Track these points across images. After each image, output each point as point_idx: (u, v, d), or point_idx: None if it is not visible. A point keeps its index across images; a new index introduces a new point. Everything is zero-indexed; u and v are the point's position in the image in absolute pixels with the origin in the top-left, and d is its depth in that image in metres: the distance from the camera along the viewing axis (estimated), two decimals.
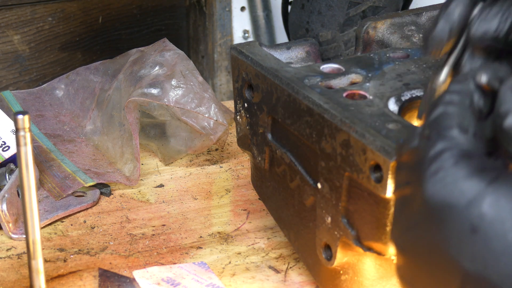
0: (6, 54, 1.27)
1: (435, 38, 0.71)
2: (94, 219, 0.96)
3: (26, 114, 0.73)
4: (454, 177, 0.58)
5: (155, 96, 1.04)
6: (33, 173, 0.75)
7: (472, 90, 0.62)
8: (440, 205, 0.58)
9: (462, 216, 0.57)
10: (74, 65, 1.31)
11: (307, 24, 1.22)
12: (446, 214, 0.57)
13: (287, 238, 0.87)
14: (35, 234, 0.77)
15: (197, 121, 1.05)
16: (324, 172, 0.76)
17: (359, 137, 0.70)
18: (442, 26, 0.70)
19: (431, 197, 0.58)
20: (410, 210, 0.60)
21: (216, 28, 1.34)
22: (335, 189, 0.74)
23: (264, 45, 0.89)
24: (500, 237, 0.55)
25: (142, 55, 1.11)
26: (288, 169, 0.82)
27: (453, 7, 0.70)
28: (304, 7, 1.22)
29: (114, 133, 1.08)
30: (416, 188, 0.59)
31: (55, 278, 0.86)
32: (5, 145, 1.00)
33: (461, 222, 0.57)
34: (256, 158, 0.88)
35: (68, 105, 1.17)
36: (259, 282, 0.86)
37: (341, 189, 0.74)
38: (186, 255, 0.90)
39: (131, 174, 1.03)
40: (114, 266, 0.88)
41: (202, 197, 1.02)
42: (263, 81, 0.83)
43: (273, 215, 0.89)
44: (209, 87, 1.07)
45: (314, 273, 0.82)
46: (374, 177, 0.69)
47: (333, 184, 0.75)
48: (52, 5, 1.28)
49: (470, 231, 0.56)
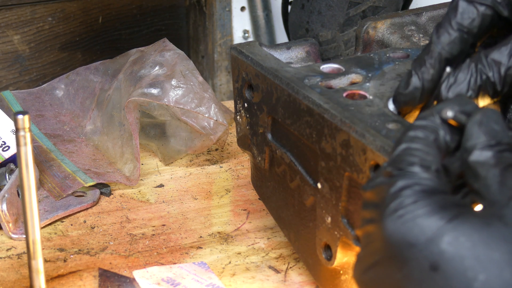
0: (6, 54, 1.27)
1: (407, 96, 0.73)
2: (94, 219, 0.97)
3: (26, 114, 0.73)
4: (413, 215, 0.58)
5: (155, 96, 1.04)
6: (33, 173, 0.75)
7: (437, 125, 0.63)
8: (400, 243, 0.58)
9: (422, 254, 0.57)
10: (74, 65, 1.31)
11: (307, 24, 1.22)
12: (406, 252, 0.57)
13: (287, 238, 0.87)
14: (35, 234, 0.77)
15: (197, 121, 1.05)
16: (324, 172, 0.76)
17: (359, 137, 0.70)
18: (414, 88, 0.73)
19: (391, 235, 0.58)
20: (372, 248, 0.60)
21: (216, 28, 1.34)
22: (335, 189, 0.74)
23: (264, 45, 0.89)
24: (460, 275, 0.55)
25: (142, 55, 1.11)
26: (288, 169, 0.82)
27: (425, 70, 0.73)
28: (304, 7, 1.22)
29: (114, 133, 1.08)
30: (378, 226, 0.59)
31: (55, 278, 0.86)
32: (5, 145, 1.00)
33: (421, 260, 0.57)
34: (256, 158, 0.88)
35: (68, 105, 1.17)
36: (259, 282, 0.86)
37: (341, 189, 0.74)
38: (186, 255, 0.90)
39: (131, 174, 1.03)
40: (114, 266, 0.88)
41: (202, 197, 1.02)
42: (263, 81, 0.83)
43: (273, 215, 0.89)
44: (209, 87, 1.07)
45: (314, 273, 0.82)
46: None
47: (333, 184, 0.75)
48: (52, 5, 1.28)
49: (430, 269, 0.56)
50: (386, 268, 0.59)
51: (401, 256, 0.58)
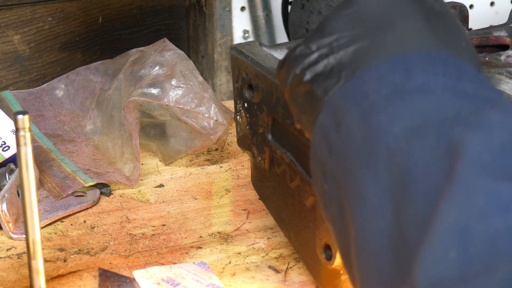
0: (6, 54, 1.27)
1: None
2: (94, 219, 0.96)
3: (26, 114, 0.73)
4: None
5: (155, 96, 1.04)
6: (33, 173, 0.75)
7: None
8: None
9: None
10: (74, 65, 1.31)
11: (307, 24, 1.22)
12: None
13: (287, 238, 0.87)
14: (35, 234, 0.77)
15: (197, 121, 1.05)
16: None
17: None
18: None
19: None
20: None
21: (216, 28, 1.34)
22: None
23: (264, 45, 0.89)
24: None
25: (142, 55, 1.11)
26: (288, 169, 0.82)
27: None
28: (304, 7, 1.22)
29: (114, 133, 1.08)
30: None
31: (55, 278, 0.86)
32: (5, 145, 1.00)
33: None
34: (256, 158, 0.88)
35: (68, 105, 1.17)
36: (259, 282, 0.86)
37: None
38: (186, 255, 0.90)
39: (131, 174, 1.03)
40: (114, 266, 0.88)
41: (202, 197, 1.02)
42: (263, 81, 0.83)
43: (273, 215, 0.89)
44: (209, 87, 1.07)
45: (314, 273, 0.82)
46: None
47: None
48: (52, 5, 1.28)
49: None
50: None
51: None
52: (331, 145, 0.61)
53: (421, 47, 0.62)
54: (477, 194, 0.51)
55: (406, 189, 0.55)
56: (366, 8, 0.65)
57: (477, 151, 0.53)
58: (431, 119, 0.57)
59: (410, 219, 0.54)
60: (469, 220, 0.51)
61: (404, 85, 0.59)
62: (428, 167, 0.54)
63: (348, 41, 0.64)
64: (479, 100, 0.58)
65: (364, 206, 0.57)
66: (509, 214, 0.50)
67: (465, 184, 0.52)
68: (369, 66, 0.62)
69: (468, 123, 0.55)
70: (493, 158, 0.53)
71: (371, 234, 0.56)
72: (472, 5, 1.45)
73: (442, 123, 0.56)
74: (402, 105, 0.58)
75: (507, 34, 0.90)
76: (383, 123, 0.58)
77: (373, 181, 0.57)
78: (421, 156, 0.55)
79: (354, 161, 0.59)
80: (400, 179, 0.55)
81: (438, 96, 0.58)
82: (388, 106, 0.59)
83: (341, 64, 0.64)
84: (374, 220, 0.56)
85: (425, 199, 0.54)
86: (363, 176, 0.58)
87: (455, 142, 0.54)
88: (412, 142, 0.56)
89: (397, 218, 0.55)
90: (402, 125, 0.57)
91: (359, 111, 0.60)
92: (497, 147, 0.53)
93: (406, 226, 0.54)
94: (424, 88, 0.59)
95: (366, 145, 0.58)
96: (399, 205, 0.55)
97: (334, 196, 0.62)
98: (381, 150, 0.57)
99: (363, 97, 0.60)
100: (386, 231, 0.55)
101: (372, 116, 0.59)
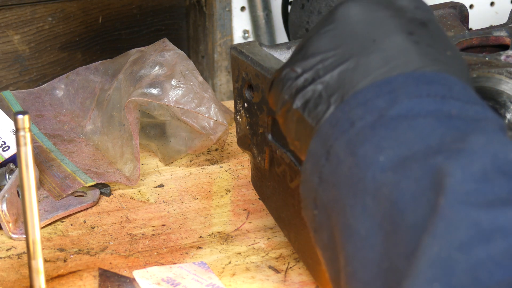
0: (6, 54, 1.27)
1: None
2: (94, 219, 0.96)
3: (26, 114, 0.73)
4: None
5: (155, 96, 1.04)
6: (33, 173, 0.75)
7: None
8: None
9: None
10: (74, 65, 1.31)
11: (307, 24, 1.22)
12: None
13: (287, 238, 0.87)
14: (35, 234, 0.77)
15: (197, 121, 1.05)
16: None
17: None
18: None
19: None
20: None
21: (216, 28, 1.34)
22: None
23: (264, 45, 0.89)
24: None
25: (142, 55, 1.11)
26: (288, 169, 0.82)
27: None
28: (304, 7, 1.22)
29: (114, 133, 1.08)
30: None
31: (55, 278, 0.86)
32: (5, 145, 1.00)
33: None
34: (256, 158, 0.88)
35: (68, 105, 1.17)
36: (259, 282, 0.86)
37: None
38: (186, 255, 0.90)
39: (131, 174, 1.03)
40: (114, 266, 0.88)
41: (202, 197, 1.02)
42: (263, 81, 0.83)
43: (273, 215, 0.89)
44: (209, 87, 1.07)
45: (314, 273, 0.82)
46: None
47: None
48: (52, 5, 1.28)
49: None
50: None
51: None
52: (322, 173, 0.61)
53: (406, 65, 0.62)
54: (459, 226, 0.52)
55: (394, 221, 0.55)
56: (347, 24, 0.65)
57: (458, 181, 0.53)
58: (415, 149, 0.57)
59: (400, 250, 0.54)
60: (451, 252, 0.51)
61: (388, 111, 0.59)
62: (414, 200, 0.55)
63: (332, 62, 0.64)
64: (463, 122, 0.58)
65: (353, 236, 0.57)
66: (490, 244, 0.51)
67: (447, 216, 0.52)
68: (355, 90, 0.62)
69: (450, 150, 0.55)
70: (475, 185, 0.53)
71: (360, 264, 0.57)
72: (472, 5, 1.45)
73: (426, 153, 0.56)
74: (387, 134, 0.58)
75: (507, 34, 0.90)
76: (368, 153, 0.58)
77: (361, 212, 0.57)
78: (407, 188, 0.55)
79: (343, 191, 0.59)
80: (387, 211, 0.56)
81: (421, 122, 0.58)
82: (373, 135, 0.59)
83: (329, 89, 0.64)
84: (363, 250, 0.57)
85: (412, 231, 0.54)
86: (352, 206, 0.58)
87: (438, 172, 0.54)
88: (397, 174, 0.56)
89: (386, 248, 0.55)
90: (388, 155, 0.57)
91: (346, 140, 0.60)
92: (478, 173, 0.53)
93: (395, 256, 0.54)
94: (408, 114, 0.59)
95: (353, 175, 0.58)
96: (388, 236, 0.55)
97: (325, 223, 0.62)
98: (368, 181, 0.57)
99: (350, 125, 0.60)
100: (376, 261, 0.56)
101: (358, 146, 0.59)
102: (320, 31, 0.66)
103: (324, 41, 0.65)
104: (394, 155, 0.57)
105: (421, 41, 0.63)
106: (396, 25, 0.64)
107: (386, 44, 0.63)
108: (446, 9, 0.96)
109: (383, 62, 0.62)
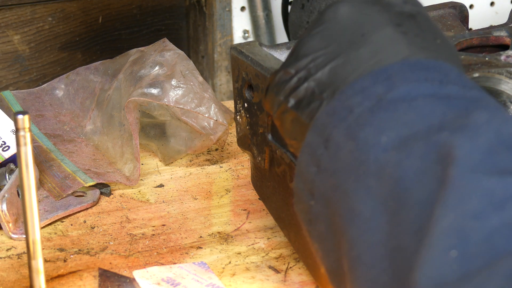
0: (6, 54, 1.27)
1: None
2: (94, 219, 0.96)
3: (26, 114, 0.73)
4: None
5: (155, 96, 1.04)
6: (33, 173, 0.75)
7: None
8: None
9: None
10: (74, 65, 1.31)
11: (307, 24, 1.22)
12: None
13: (287, 238, 0.87)
14: (35, 234, 0.77)
15: (197, 121, 1.05)
16: None
17: None
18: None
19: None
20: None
21: (216, 28, 1.34)
22: None
23: (264, 45, 0.89)
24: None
25: (142, 55, 1.11)
26: (288, 169, 0.82)
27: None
28: (304, 7, 1.22)
29: (114, 133, 1.08)
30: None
31: (55, 278, 0.86)
32: (5, 145, 1.00)
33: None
34: (256, 158, 0.88)
35: (68, 105, 1.17)
36: (259, 282, 0.86)
37: None
38: (186, 255, 0.90)
39: (131, 174, 1.03)
40: (114, 266, 0.88)
41: (202, 197, 1.02)
42: (263, 81, 0.83)
43: (273, 215, 0.89)
44: (209, 87, 1.07)
45: (314, 273, 0.82)
46: None
47: None
48: (52, 5, 1.28)
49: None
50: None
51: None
52: (320, 162, 0.61)
53: (395, 55, 0.62)
54: (471, 194, 0.52)
55: (399, 199, 0.55)
56: (336, 23, 0.65)
57: (467, 152, 0.53)
58: (417, 128, 0.57)
59: (406, 227, 0.54)
60: (466, 221, 0.51)
61: (387, 96, 0.59)
62: (420, 175, 0.55)
63: (323, 60, 0.64)
64: (464, 101, 0.58)
65: (356, 219, 0.57)
66: (504, 211, 0.51)
67: (459, 186, 0.52)
68: (348, 82, 0.62)
69: (454, 126, 0.55)
70: (483, 156, 0.53)
71: (365, 246, 0.57)
72: (472, 5, 1.45)
73: (428, 131, 0.56)
74: (387, 116, 0.58)
75: (507, 34, 0.90)
76: (369, 136, 0.58)
77: (364, 194, 0.57)
78: (411, 165, 0.55)
79: (344, 176, 0.59)
80: (392, 189, 0.56)
81: (421, 103, 0.58)
82: (373, 119, 0.59)
83: (320, 85, 0.64)
84: (368, 232, 0.56)
85: (419, 206, 0.54)
86: (354, 190, 0.58)
87: (445, 146, 0.54)
88: (401, 152, 0.56)
89: (392, 227, 0.55)
90: (389, 136, 0.57)
91: (345, 126, 0.60)
92: (485, 145, 0.54)
93: (402, 234, 0.54)
94: (407, 97, 0.59)
95: (354, 159, 0.58)
96: (394, 215, 0.55)
97: (322, 213, 0.62)
98: (370, 162, 0.57)
99: (348, 112, 0.60)
100: (382, 242, 0.56)
101: (358, 130, 0.59)
102: (310, 33, 0.67)
103: (315, 41, 0.66)
104: (396, 136, 0.57)
105: (409, 32, 0.64)
106: (385, 18, 0.64)
107: (375, 37, 0.63)
108: (446, 9, 0.96)
109: (372, 54, 0.62)
